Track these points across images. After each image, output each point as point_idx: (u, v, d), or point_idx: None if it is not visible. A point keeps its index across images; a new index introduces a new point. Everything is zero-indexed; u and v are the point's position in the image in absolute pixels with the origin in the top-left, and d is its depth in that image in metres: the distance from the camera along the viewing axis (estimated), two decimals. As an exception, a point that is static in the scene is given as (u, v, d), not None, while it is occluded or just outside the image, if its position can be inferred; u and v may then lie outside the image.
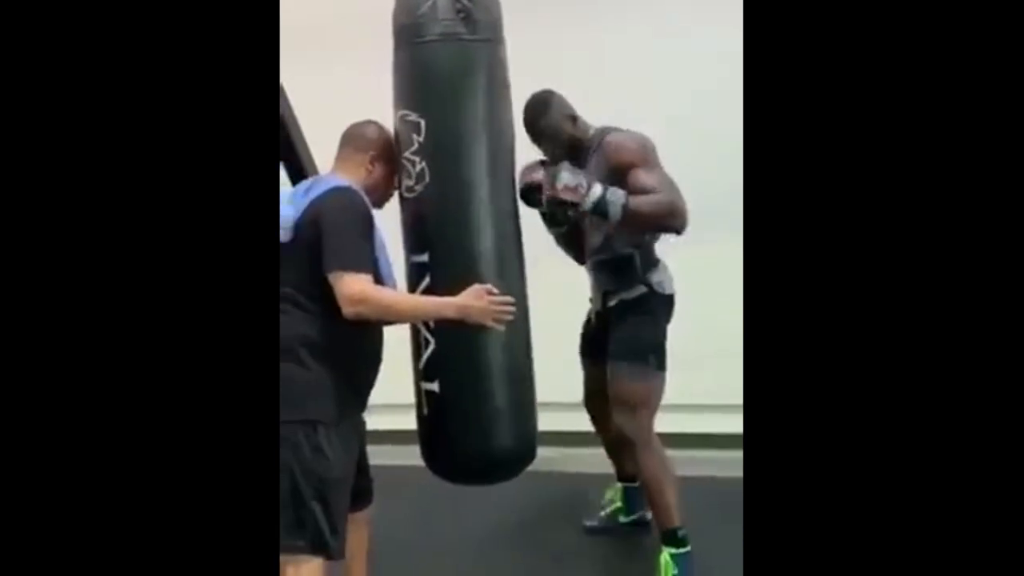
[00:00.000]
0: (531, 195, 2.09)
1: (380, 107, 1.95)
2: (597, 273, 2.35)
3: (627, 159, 2.12)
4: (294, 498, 1.69)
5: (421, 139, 1.82)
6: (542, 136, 2.25)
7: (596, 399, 2.41)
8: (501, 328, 1.77)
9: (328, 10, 3.66)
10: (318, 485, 1.69)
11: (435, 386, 1.85)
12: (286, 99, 2.96)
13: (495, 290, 1.77)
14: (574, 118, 2.27)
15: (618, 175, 2.11)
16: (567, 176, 2.01)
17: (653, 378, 2.20)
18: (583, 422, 2.64)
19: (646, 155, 2.12)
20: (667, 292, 2.25)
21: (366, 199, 1.79)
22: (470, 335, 1.80)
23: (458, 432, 1.88)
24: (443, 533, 2.74)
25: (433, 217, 1.84)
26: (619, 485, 2.62)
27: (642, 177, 2.09)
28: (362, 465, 1.90)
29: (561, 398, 2.53)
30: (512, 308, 1.79)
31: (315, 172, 2.40)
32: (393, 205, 1.96)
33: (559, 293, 2.41)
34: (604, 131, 2.24)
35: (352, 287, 1.66)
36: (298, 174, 2.83)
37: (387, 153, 1.87)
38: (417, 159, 1.83)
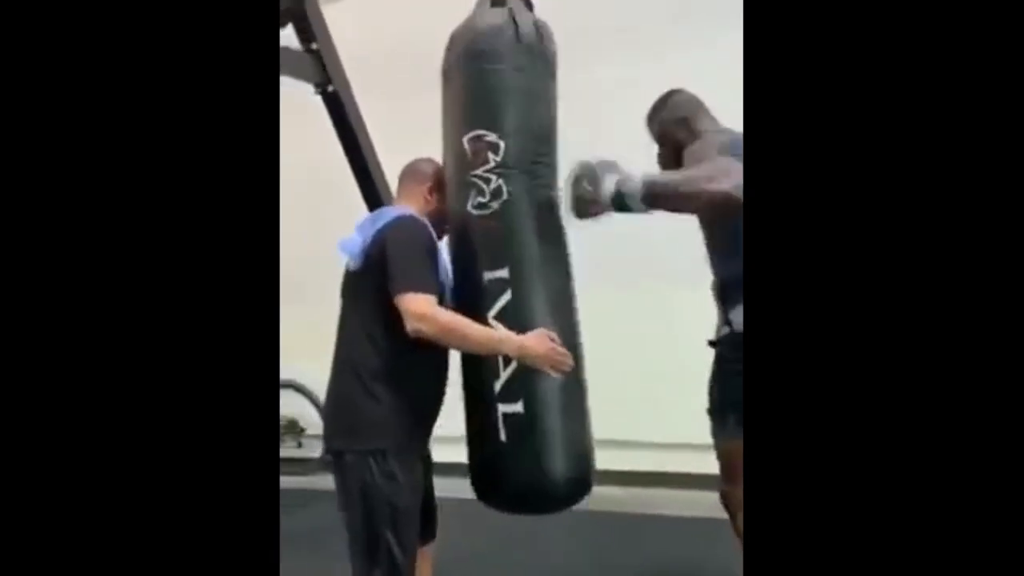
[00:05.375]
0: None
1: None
2: (715, 297, 2.02)
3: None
4: (367, 526, 1.70)
5: (499, 158, 1.85)
6: (655, 136, 2.12)
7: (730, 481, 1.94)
8: (557, 376, 1.76)
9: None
10: (390, 512, 1.70)
11: (518, 407, 1.81)
12: (363, 128, 3.06)
13: (557, 338, 1.76)
14: (688, 121, 2.04)
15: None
16: (579, 181, 1.85)
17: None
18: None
19: (705, 146, 1.91)
20: None
21: (429, 227, 1.84)
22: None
23: (545, 457, 1.82)
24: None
25: (513, 233, 1.85)
26: None
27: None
28: (428, 498, 1.89)
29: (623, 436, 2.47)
30: (570, 361, 1.77)
31: (389, 197, 2.50)
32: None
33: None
34: (720, 133, 1.99)
35: (416, 305, 1.69)
36: (374, 198, 2.91)
37: (444, 184, 1.94)
38: (493, 177, 1.85)
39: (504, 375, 1.83)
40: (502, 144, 1.85)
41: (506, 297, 1.82)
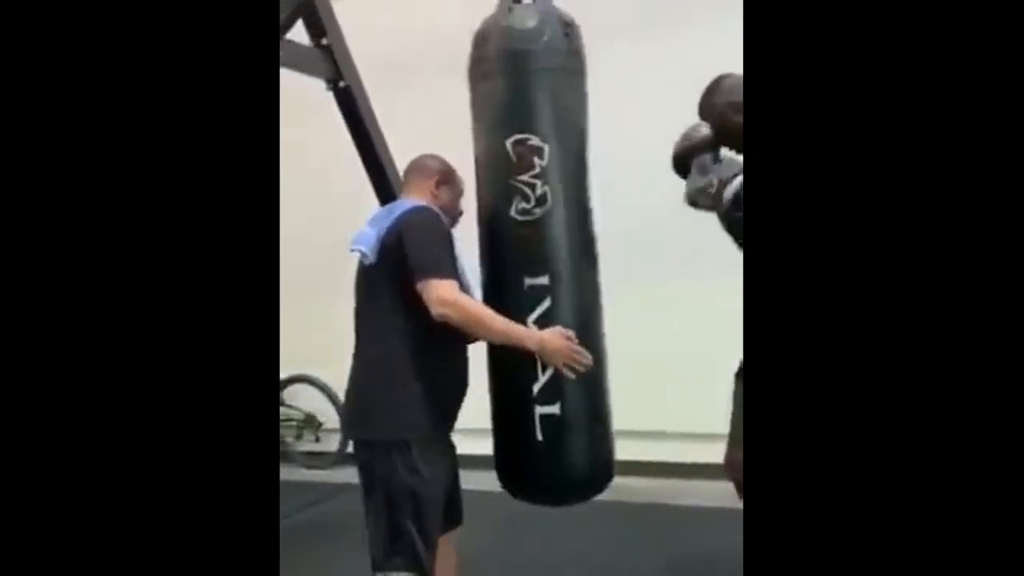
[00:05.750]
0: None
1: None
2: None
3: None
4: (389, 515, 1.72)
5: (544, 163, 1.85)
6: (705, 119, 2.12)
7: None
8: (572, 376, 1.78)
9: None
10: (412, 503, 1.72)
11: (555, 409, 1.85)
12: (376, 123, 3.06)
13: (573, 336, 1.79)
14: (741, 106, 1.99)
15: None
16: (696, 179, 1.96)
17: None
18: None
19: None
20: None
21: (443, 217, 1.85)
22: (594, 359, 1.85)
23: (578, 453, 1.91)
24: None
25: (556, 240, 1.87)
26: None
27: None
28: (453, 487, 1.92)
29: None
30: (588, 360, 1.79)
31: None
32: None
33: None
34: None
35: (441, 290, 1.70)
36: (387, 194, 2.90)
37: (449, 179, 1.96)
38: (539, 183, 1.85)
39: (543, 378, 1.86)
40: (546, 148, 1.85)
41: (546, 303, 1.85)
